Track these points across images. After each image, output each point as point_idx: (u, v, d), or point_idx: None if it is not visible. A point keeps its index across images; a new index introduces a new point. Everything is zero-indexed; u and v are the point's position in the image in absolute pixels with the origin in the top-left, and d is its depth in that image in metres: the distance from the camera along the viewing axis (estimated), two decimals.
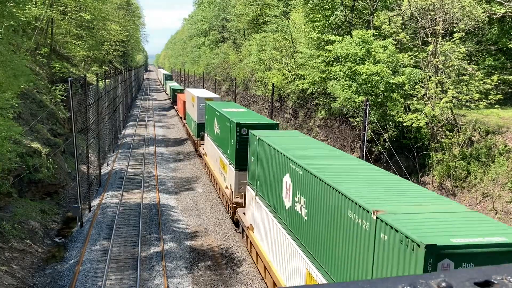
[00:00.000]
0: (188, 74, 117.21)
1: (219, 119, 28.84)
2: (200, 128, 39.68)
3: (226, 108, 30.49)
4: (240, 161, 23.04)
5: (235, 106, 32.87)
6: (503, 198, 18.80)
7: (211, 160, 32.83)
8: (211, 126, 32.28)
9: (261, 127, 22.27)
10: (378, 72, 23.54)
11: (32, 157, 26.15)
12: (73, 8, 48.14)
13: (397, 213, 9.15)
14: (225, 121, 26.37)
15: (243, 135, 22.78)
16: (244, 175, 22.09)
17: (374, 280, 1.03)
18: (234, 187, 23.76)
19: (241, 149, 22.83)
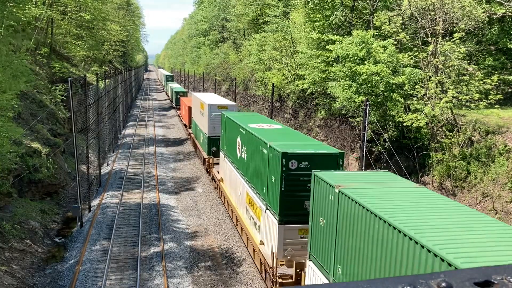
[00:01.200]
0: (188, 74, 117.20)
1: (245, 139, 21.46)
2: (212, 143, 33.09)
3: (253, 123, 22.96)
4: (287, 210, 15.88)
5: (263, 120, 25.24)
6: (503, 198, 18.80)
7: (232, 191, 25.15)
8: (232, 145, 24.85)
9: (320, 158, 15.77)
10: (378, 72, 23.54)
11: (32, 157, 26.15)
12: (73, 8, 48.15)
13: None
14: (257, 145, 19.16)
15: (292, 171, 15.64)
16: (294, 230, 16.14)
17: (374, 280, 1.03)
18: (277, 248, 16.18)
19: (288, 192, 15.75)
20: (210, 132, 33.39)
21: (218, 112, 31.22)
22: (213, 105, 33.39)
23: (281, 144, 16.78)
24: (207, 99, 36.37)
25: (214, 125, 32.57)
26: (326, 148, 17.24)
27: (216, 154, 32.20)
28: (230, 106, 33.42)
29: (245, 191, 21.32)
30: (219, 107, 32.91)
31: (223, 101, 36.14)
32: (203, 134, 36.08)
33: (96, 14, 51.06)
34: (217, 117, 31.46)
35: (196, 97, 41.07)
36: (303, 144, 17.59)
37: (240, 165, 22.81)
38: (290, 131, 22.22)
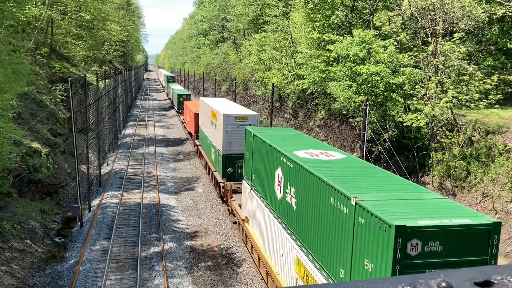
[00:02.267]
0: (188, 74, 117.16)
1: (293, 176, 14.31)
2: (228, 163, 27.13)
3: (297, 146, 16.30)
4: None
5: (309, 142, 18.23)
6: (503, 198, 18.81)
7: (266, 244, 17.93)
8: (265, 178, 17.72)
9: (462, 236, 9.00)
10: (378, 72, 23.54)
11: (32, 157, 26.16)
12: (73, 8, 48.16)
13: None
14: (321, 192, 12.01)
15: (412, 259, 8.82)
16: None
17: (374, 280, 1.03)
18: None
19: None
20: (226, 149, 27.06)
21: (236, 125, 26.40)
22: (229, 115, 26.85)
23: (379, 203, 9.83)
24: (220, 107, 29.80)
25: (230, 140, 26.73)
26: (465, 213, 9.60)
27: (233, 177, 26.81)
28: (251, 117, 27.02)
29: (294, 255, 14.33)
30: (237, 118, 26.85)
31: (242, 110, 29.50)
32: (215, 150, 29.74)
33: (96, 14, 51.06)
34: (234, 130, 26.47)
35: (206, 104, 34.55)
36: (415, 203, 10.16)
37: (282, 212, 15.47)
38: (368, 168, 14.11)
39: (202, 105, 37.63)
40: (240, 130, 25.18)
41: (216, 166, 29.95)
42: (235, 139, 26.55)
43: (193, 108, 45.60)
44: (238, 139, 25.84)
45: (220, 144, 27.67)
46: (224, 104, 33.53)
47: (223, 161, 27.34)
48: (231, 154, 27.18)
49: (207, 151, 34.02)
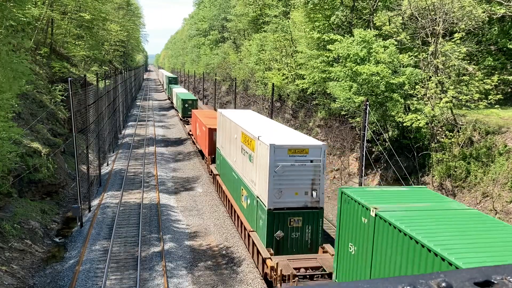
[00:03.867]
0: (188, 74, 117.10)
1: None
2: (277, 223, 17.81)
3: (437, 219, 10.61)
4: None
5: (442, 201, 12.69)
6: (503, 198, 18.80)
7: None
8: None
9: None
10: (379, 72, 23.55)
11: (32, 157, 26.16)
12: (73, 8, 48.15)
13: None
14: None
15: None
16: None
17: (374, 280, 1.03)
18: None
19: None
20: (273, 201, 17.76)
21: (290, 161, 17.58)
22: (279, 147, 17.59)
23: None
24: (258, 131, 20.57)
25: (281, 186, 17.71)
26: None
27: (285, 246, 17.97)
28: (313, 148, 17.86)
29: None
30: (291, 151, 17.67)
31: (297, 138, 19.45)
32: (251, 195, 20.35)
33: (96, 14, 51.06)
34: (288, 171, 17.58)
35: (230, 121, 25.47)
36: None
37: None
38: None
39: (222, 120, 28.32)
40: (297, 169, 17.50)
41: (252, 223, 20.08)
42: (289, 185, 17.68)
43: (205, 120, 36.60)
44: (292, 183, 17.62)
45: (262, 190, 18.42)
46: (260, 123, 24.35)
47: (268, 219, 17.77)
48: (281, 208, 17.77)
49: (234, 190, 24.37)
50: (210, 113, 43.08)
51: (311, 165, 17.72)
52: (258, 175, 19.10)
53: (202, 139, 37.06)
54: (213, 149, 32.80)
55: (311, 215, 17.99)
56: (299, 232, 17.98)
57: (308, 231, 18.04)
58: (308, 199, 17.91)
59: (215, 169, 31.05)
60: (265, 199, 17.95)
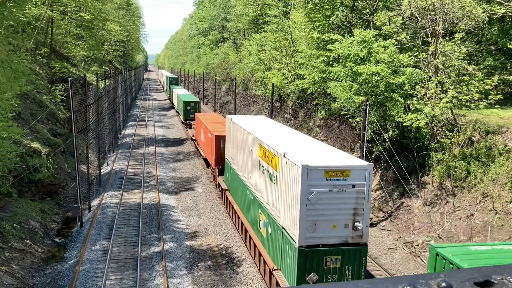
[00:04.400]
0: (188, 74, 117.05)
1: None
2: (310, 263, 14.56)
3: None
4: None
5: None
6: (503, 198, 18.80)
7: None
8: None
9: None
10: (379, 72, 23.55)
11: (32, 157, 26.15)
12: (73, 8, 48.15)
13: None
14: None
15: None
16: None
17: (374, 280, 1.03)
18: None
19: None
20: (305, 237, 14.35)
21: (327, 186, 14.22)
22: (313, 168, 14.10)
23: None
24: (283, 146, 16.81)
25: (315, 218, 14.28)
26: None
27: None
28: (355, 170, 14.42)
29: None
30: (329, 173, 14.25)
31: (334, 157, 15.74)
32: (273, 223, 16.73)
33: (96, 14, 51.06)
34: (324, 198, 14.18)
35: (244, 131, 22.00)
36: None
37: None
38: None
39: (233, 128, 25.15)
40: (335, 196, 14.16)
41: (276, 259, 16.58)
42: (325, 215, 14.30)
43: (211, 126, 33.25)
44: (330, 214, 14.31)
45: (291, 221, 14.84)
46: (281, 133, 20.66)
47: (298, 259, 14.39)
48: (315, 245, 14.50)
49: (248, 212, 20.94)
50: (215, 118, 39.82)
51: (353, 191, 14.23)
52: (284, 201, 15.44)
53: (208, 147, 33.34)
54: (220, 159, 29.45)
55: (353, 253, 14.61)
56: (337, 275, 14.77)
57: (348, 273, 14.76)
58: (348, 234, 14.55)
59: (224, 183, 27.42)
60: (295, 233, 14.44)
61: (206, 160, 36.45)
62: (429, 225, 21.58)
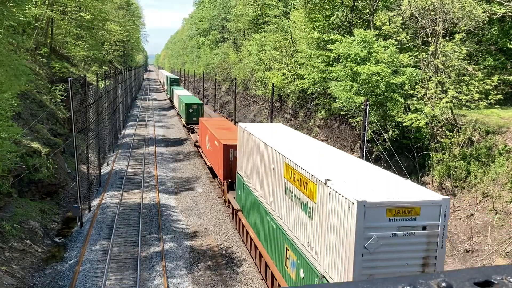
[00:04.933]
0: (188, 74, 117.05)
1: None
2: None
3: None
4: None
5: None
6: (503, 198, 18.80)
7: None
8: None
9: None
10: (379, 72, 23.55)
11: (32, 157, 26.15)
12: (73, 8, 48.17)
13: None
14: None
15: None
16: None
17: (374, 280, 1.03)
18: None
19: None
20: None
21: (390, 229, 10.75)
22: (373, 205, 10.47)
23: None
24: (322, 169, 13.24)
25: (373, 271, 10.77)
26: None
27: None
28: (426, 206, 10.88)
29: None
30: (393, 212, 10.72)
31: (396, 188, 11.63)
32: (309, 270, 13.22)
33: (96, 14, 51.08)
34: (385, 244, 10.71)
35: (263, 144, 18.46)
36: None
37: None
38: None
39: (246, 139, 21.38)
40: (400, 242, 10.86)
41: None
42: (387, 267, 10.97)
43: (218, 133, 29.75)
44: (392, 265, 11.01)
45: (338, 271, 11.43)
46: (313, 149, 16.93)
47: None
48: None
49: (270, 244, 17.50)
50: (222, 123, 36.60)
51: (423, 235, 10.92)
52: (326, 243, 11.93)
53: (215, 156, 29.76)
54: (230, 172, 26.18)
55: None
56: None
57: None
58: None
59: (235, 202, 23.91)
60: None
61: (212, 170, 32.82)
62: None
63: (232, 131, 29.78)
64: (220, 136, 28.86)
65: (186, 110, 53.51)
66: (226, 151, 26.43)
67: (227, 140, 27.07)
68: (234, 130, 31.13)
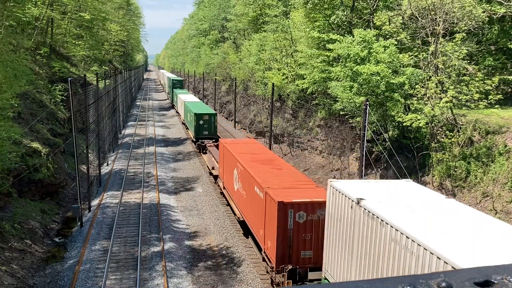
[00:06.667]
0: (188, 74, 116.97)
1: None
2: None
3: None
4: None
5: None
6: (503, 198, 18.80)
7: None
8: None
9: None
10: (379, 72, 23.54)
11: (32, 157, 26.14)
12: (73, 8, 48.14)
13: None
14: None
15: None
16: None
17: (374, 280, 1.03)
18: None
19: None
20: None
21: None
22: None
23: None
24: None
25: None
26: None
27: None
28: None
29: None
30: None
31: None
32: None
33: (96, 14, 51.05)
34: None
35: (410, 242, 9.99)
36: None
37: None
38: None
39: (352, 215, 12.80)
40: None
41: None
42: None
43: (259, 173, 19.94)
44: None
45: None
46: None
47: None
48: None
49: None
50: (255, 149, 26.19)
51: None
52: None
53: (256, 212, 19.25)
54: (288, 249, 16.37)
55: None
56: None
57: None
58: None
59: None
60: None
61: (249, 231, 21.44)
62: None
63: (281, 168, 21.28)
64: (265, 180, 18.73)
65: (196, 122, 43.00)
66: (284, 214, 16.07)
67: (285, 196, 16.53)
68: (282, 165, 22.50)
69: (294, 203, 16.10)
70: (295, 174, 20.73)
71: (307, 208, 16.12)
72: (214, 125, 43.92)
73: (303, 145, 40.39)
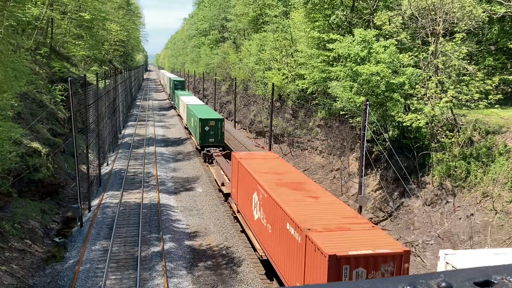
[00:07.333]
0: (188, 74, 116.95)
1: None
2: None
3: None
4: None
5: None
6: (503, 198, 18.80)
7: None
8: None
9: None
10: (379, 72, 23.53)
11: (32, 157, 26.14)
12: (73, 8, 48.14)
13: None
14: None
15: None
16: None
17: (374, 280, 1.03)
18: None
19: None
20: None
21: None
22: None
23: None
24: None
25: None
26: None
27: None
28: None
29: None
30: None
31: None
32: None
33: (96, 14, 51.04)
34: None
35: None
36: None
37: None
38: None
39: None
40: None
41: None
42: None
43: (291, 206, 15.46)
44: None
45: None
46: None
47: None
48: None
49: None
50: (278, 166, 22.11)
51: None
52: None
53: (292, 260, 14.74)
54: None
55: None
56: None
57: None
58: None
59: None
60: None
61: (267, 263, 18.37)
62: (429, 225, 21.57)
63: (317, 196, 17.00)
64: (301, 214, 14.68)
65: (201, 128, 39.68)
66: (334, 270, 11.95)
67: (329, 237, 12.95)
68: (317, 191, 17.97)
69: (351, 256, 11.89)
70: (337, 205, 16.05)
71: (367, 264, 11.99)
72: (221, 132, 40.25)
73: (303, 145, 40.39)
